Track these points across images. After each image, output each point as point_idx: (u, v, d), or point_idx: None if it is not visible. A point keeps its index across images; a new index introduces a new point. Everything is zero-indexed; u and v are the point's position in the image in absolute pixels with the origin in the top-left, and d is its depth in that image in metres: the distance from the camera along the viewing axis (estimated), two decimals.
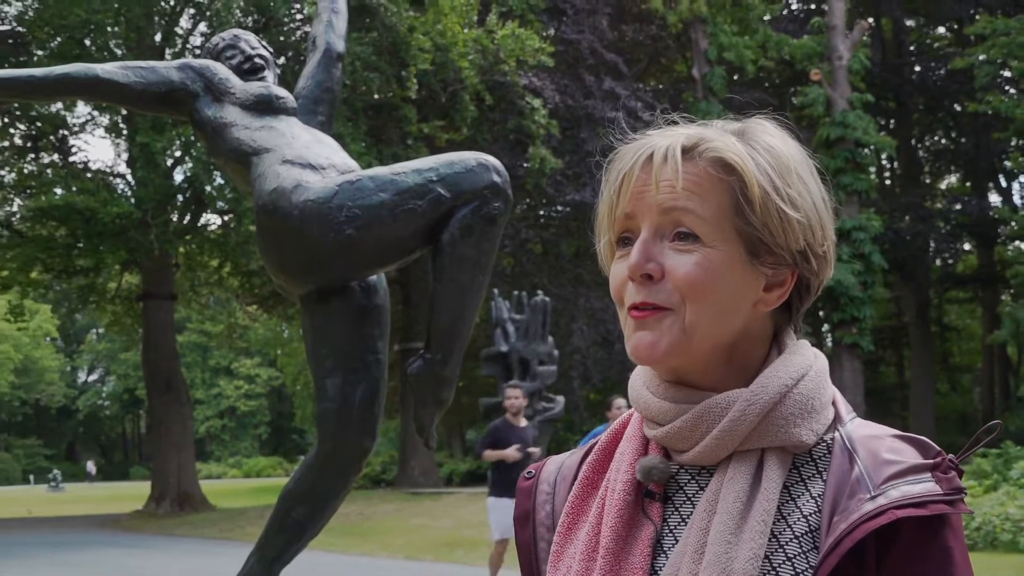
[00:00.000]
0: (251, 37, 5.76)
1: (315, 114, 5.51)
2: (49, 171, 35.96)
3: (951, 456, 1.66)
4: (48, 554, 25.46)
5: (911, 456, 1.65)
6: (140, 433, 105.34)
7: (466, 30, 29.38)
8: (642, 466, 1.72)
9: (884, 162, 48.88)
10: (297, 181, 4.72)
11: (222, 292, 45.20)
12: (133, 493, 52.61)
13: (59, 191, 33.83)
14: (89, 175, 36.17)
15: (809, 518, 1.64)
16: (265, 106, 5.32)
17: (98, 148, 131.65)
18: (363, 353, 4.91)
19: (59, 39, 32.79)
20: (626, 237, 1.71)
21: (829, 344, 42.04)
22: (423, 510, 28.33)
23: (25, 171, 36.44)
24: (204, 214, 36.89)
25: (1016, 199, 49.51)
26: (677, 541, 1.68)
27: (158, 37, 35.50)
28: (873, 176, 42.43)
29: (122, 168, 39.36)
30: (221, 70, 5.40)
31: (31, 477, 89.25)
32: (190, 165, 32.47)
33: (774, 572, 1.60)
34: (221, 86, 5.34)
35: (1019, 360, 51.58)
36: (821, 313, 41.41)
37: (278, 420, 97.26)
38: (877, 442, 1.68)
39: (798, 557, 1.61)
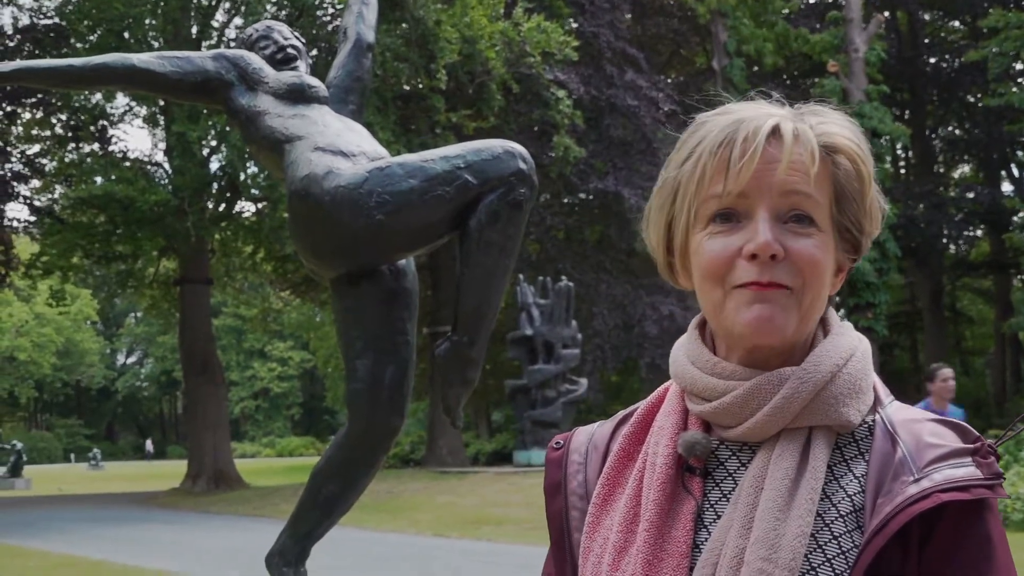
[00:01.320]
0: (284, 28, 5.74)
1: (346, 103, 5.49)
2: (89, 160, 36.04)
3: (990, 441, 1.65)
4: (89, 529, 25.57)
5: (952, 440, 1.64)
6: (176, 413, 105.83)
7: (492, 22, 29.34)
8: (685, 441, 1.70)
9: (899, 152, 48.73)
10: (328, 168, 4.72)
11: (256, 277, 45.33)
12: (170, 471, 52.82)
13: (99, 179, 33.92)
14: (127, 164, 36.20)
15: (853, 498, 1.63)
16: (298, 95, 5.31)
17: (136, 137, 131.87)
18: (392, 335, 4.90)
19: (98, 32, 32.84)
20: (728, 213, 1.66)
21: None
22: (450, 488, 28.35)
23: (66, 160, 36.56)
24: (239, 201, 36.94)
25: None
26: (718, 516, 1.67)
27: (194, 30, 35.51)
28: (888, 165, 42.22)
29: (159, 157, 39.45)
30: (255, 60, 5.38)
31: (72, 456, 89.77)
32: (225, 153, 32.48)
33: (820, 550, 1.59)
34: (255, 75, 5.33)
35: None
36: (838, 298, 41.36)
37: (310, 401, 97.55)
38: (918, 425, 1.67)
39: (843, 536, 1.59)
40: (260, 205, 36.32)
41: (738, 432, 1.68)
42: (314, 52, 30.67)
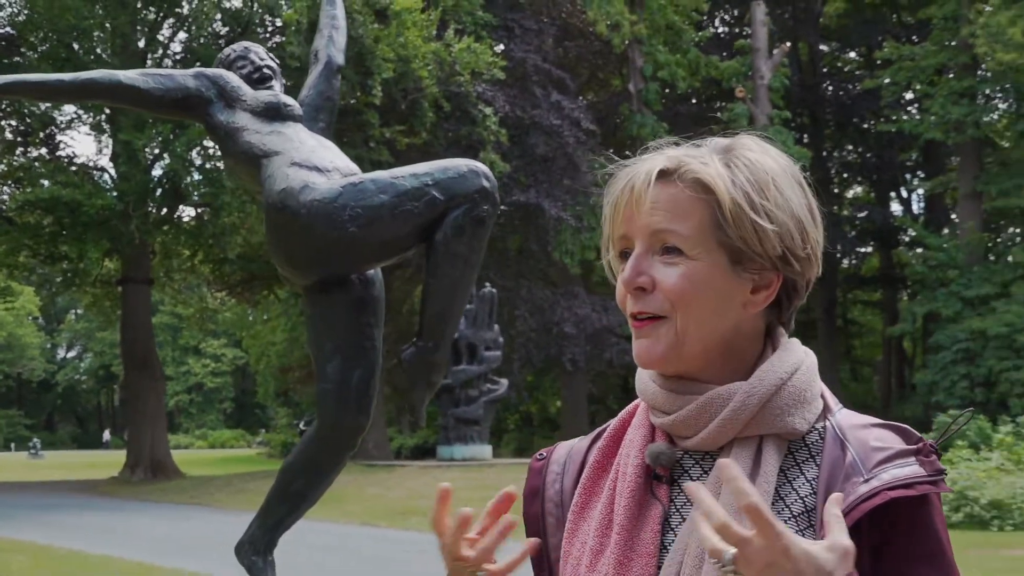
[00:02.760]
0: (260, 49, 5.72)
1: (317, 121, 5.48)
2: (37, 164, 35.54)
3: (931, 441, 1.71)
4: (34, 516, 25.22)
5: (896, 443, 1.71)
6: (114, 406, 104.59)
7: (426, 43, 29.29)
8: (651, 451, 1.76)
9: None
10: (304, 182, 4.71)
11: (194, 278, 44.83)
12: (107, 461, 52.17)
13: (46, 183, 33.42)
14: (74, 169, 35.76)
15: (805, 499, 1.68)
16: (274, 113, 5.29)
17: (83, 143, 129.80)
18: (361, 340, 4.91)
19: (48, 44, 32.42)
20: (625, 252, 1.75)
21: None
22: (378, 480, 28.24)
23: (15, 164, 35.99)
24: (180, 206, 36.56)
25: (915, 208, 50.38)
26: (684, 519, 1.72)
27: (141, 43, 35.15)
28: None
29: (103, 162, 39.00)
30: (233, 79, 5.36)
31: (12, 445, 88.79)
32: (169, 161, 32.22)
33: None
34: (233, 93, 5.30)
35: (914, 353, 52.17)
36: None
37: (242, 396, 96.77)
38: (865, 431, 1.73)
39: (799, 533, 1.63)
40: (200, 210, 36.02)
41: (694, 442, 1.74)
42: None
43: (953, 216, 42.68)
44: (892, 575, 1.65)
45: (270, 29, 34.64)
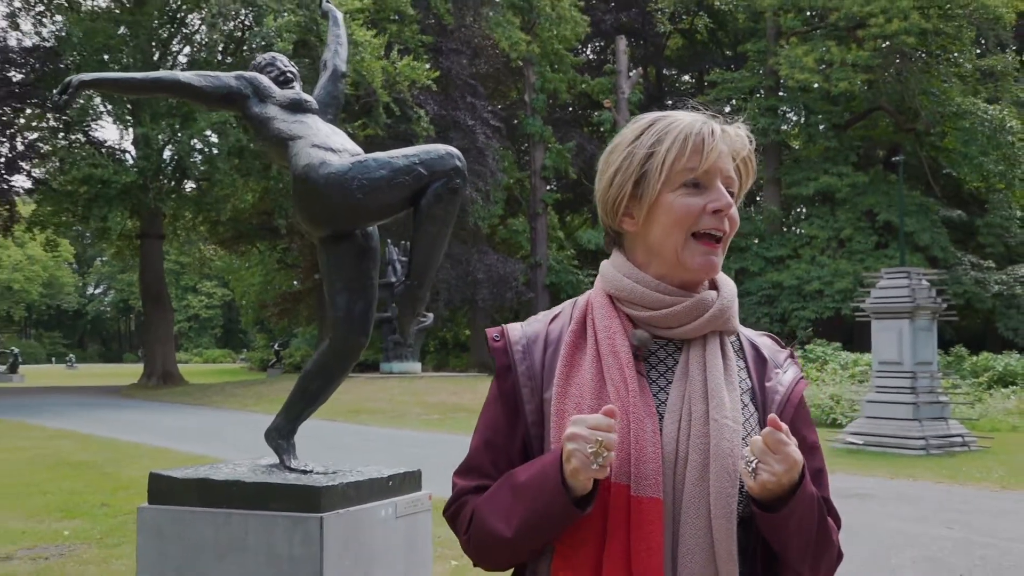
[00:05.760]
0: (283, 58, 5.59)
1: (326, 114, 5.38)
2: (75, 147, 34.52)
3: (791, 349, 1.85)
4: (74, 412, 24.84)
5: (781, 348, 1.85)
6: (130, 330, 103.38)
7: (376, 60, 28.94)
8: (639, 337, 1.72)
9: None
10: (322, 159, 4.65)
11: (195, 235, 44.16)
12: (126, 372, 51.36)
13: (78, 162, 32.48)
14: (103, 151, 34.86)
15: (742, 382, 1.76)
16: (297, 106, 5.19)
17: (109, 130, 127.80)
18: (362, 279, 4.86)
19: (83, 55, 31.43)
20: (696, 182, 1.70)
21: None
22: None
23: (58, 146, 34.94)
24: (185, 181, 35.82)
25: None
26: (659, 387, 1.71)
27: (155, 57, 34.27)
28: None
29: (125, 145, 38.02)
30: (265, 80, 5.25)
31: (52, 359, 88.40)
32: (178, 146, 31.51)
33: (743, 408, 1.73)
34: (266, 91, 5.19)
35: None
36: (577, 261, 41.78)
37: (228, 324, 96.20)
38: (760, 337, 1.85)
39: (747, 406, 1.73)
40: (200, 184, 35.38)
41: (679, 332, 1.73)
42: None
43: (758, 198, 43.26)
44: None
45: (253, 46, 33.89)
